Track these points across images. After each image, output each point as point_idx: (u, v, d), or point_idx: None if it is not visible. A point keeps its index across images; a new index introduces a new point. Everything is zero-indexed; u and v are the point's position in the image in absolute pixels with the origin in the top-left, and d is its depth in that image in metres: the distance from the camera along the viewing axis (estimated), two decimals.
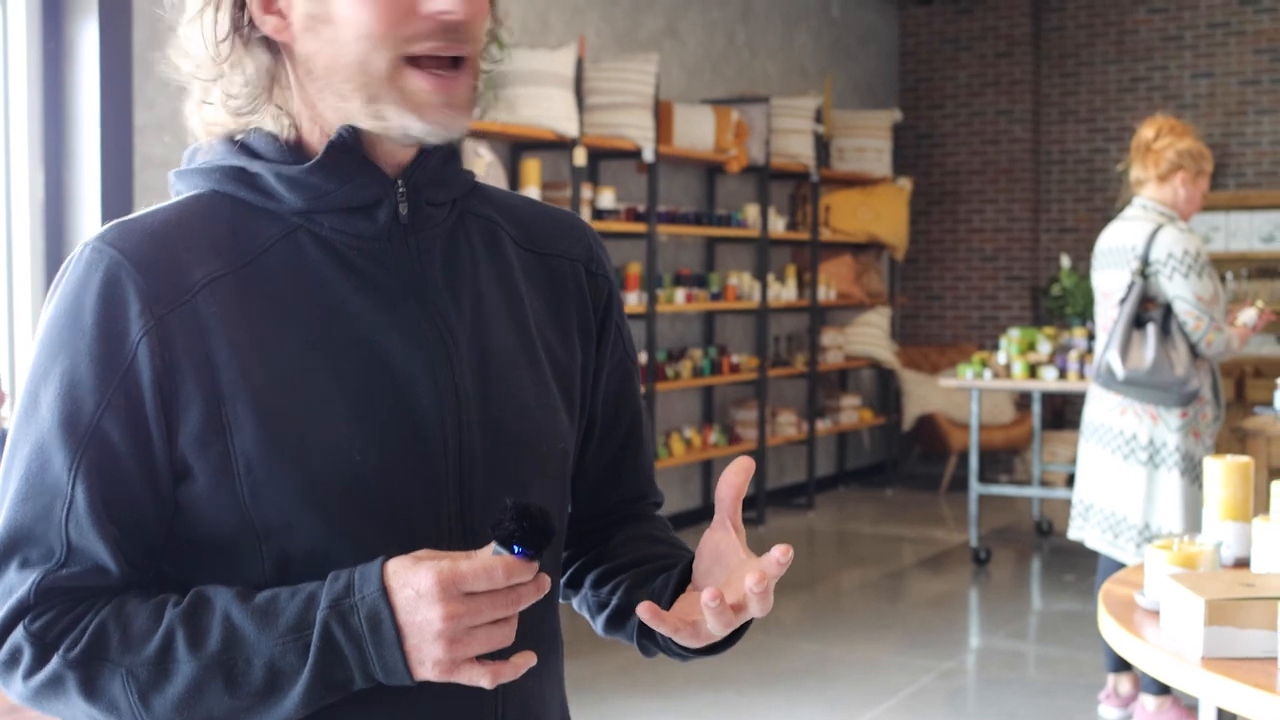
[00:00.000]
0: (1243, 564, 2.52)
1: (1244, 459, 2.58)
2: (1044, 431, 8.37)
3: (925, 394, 9.02)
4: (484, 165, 5.71)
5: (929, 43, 9.93)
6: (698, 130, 7.17)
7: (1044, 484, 7.83)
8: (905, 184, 9.16)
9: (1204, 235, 8.77)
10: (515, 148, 6.42)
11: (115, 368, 1.11)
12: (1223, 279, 8.71)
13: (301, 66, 1.16)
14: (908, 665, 5.18)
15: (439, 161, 1.22)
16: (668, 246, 7.57)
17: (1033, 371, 6.81)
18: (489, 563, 1.05)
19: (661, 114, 6.92)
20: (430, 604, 1.04)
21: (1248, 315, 4.47)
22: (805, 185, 8.52)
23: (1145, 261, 4.33)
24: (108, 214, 4.43)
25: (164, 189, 4.19)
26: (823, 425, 8.62)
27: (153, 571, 1.16)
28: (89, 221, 4.49)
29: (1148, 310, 4.34)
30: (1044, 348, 6.83)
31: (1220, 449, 4.69)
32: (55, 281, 1.16)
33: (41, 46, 4.48)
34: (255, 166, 1.18)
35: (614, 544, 1.36)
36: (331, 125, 1.17)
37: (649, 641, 1.28)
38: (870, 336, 9.01)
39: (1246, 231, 8.86)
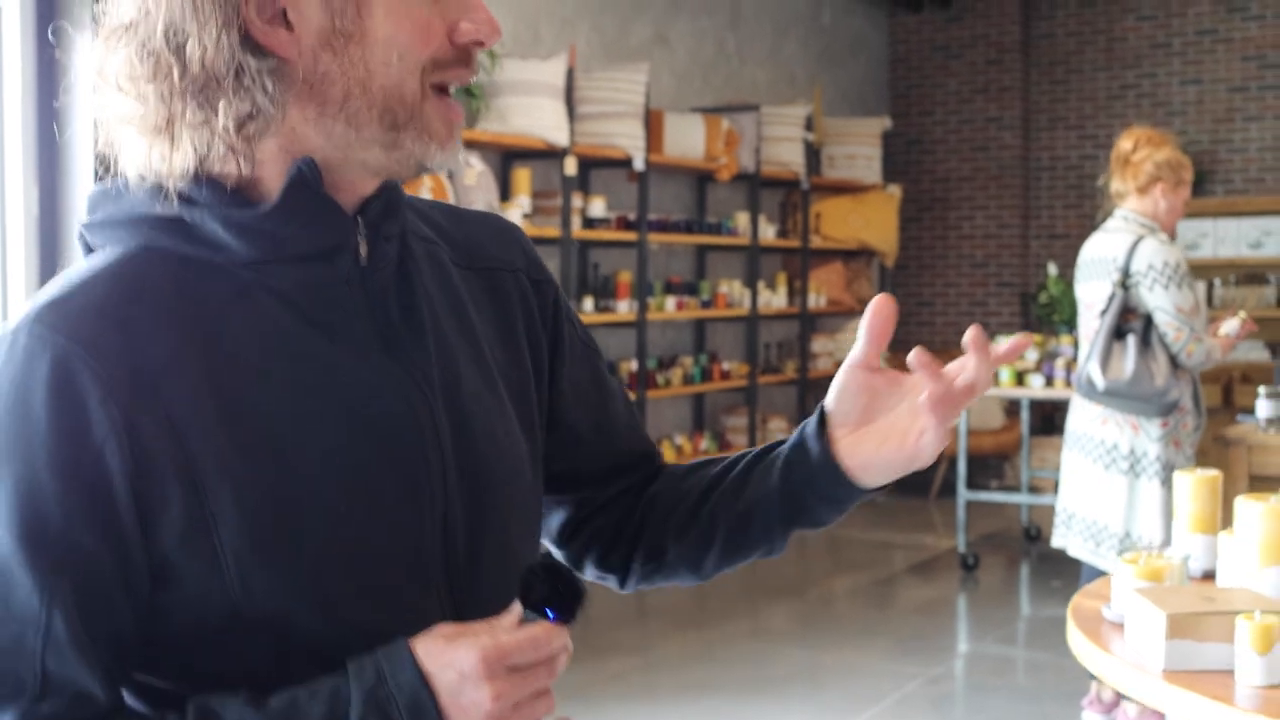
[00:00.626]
0: (1210, 577, 2.56)
1: (1213, 473, 2.63)
2: (1032, 438, 8.42)
3: None
4: (475, 175, 5.76)
5: (919, 50, 9.98)
6: (688, 139, 7.22)
7: (1032, 490, 7.87)
8: (895, 191, 9.20)
9: (1192, 241, 8.82)
10: (506, 157, 6.47)
11: (81, 470, 0.96)
12: (1210, 285, 8.78)
13: (305, 87, 1.03)
14: (896, 671, 5.23)
15: (388, 192, 1.11)
16: (658, 254, 7.62)
17: (1020, 378, 6.86)
18: (533, 633, 0.99)
19: (652, 123, 6.97)
20: (477, 684, 0.97)
21: (1230, 326, 4.51)
22: (795, 193, 8.57)
23: (1126, 273, 4.37)
24: None
25: None
26: None
27: (130, 689, 1.04)
28: None
29: (1128, 321, 4.39)
30: (1031, 355, 6.88)
31: (1203, 457, 4.73)
32: None
33: (36, 56, 4.51)
34: (194, 214, 1.04)
35: (665, 498, 1.29)
36: (314, 157, 1.05)
37: (800, 522, 1.22)
38: None
39: (1234, 238, 8.92)
